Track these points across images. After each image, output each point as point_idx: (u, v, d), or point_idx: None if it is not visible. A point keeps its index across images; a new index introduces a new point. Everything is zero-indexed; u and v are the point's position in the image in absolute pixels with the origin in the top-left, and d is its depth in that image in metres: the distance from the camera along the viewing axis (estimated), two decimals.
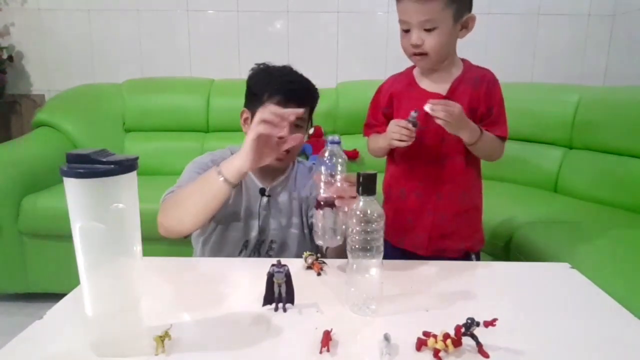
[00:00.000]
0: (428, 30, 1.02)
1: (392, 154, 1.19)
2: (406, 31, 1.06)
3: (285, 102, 1.06)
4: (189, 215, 1.00)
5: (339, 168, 0.85)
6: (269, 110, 0.91)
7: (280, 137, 0.98)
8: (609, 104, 1.98)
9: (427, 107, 0.99)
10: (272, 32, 2.69)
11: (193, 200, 0.99)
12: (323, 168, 0.86)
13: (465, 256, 1.19)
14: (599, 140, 1.97)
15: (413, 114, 1.01)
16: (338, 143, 0.86)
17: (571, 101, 2.09)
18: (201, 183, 0.98)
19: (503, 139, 1.12)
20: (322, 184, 0.86)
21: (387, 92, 1.18)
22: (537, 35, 2.68)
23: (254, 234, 1.14)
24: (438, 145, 1.11)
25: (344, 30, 2.68)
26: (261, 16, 2.66)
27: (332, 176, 0.85)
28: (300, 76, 1.15)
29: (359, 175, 0.74)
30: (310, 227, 1.17)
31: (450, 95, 1.09)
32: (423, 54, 1.05)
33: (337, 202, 0.84)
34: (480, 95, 1.10)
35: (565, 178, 2.06)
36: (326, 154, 0.86)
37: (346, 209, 0.83)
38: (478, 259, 1.22)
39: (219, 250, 1.14)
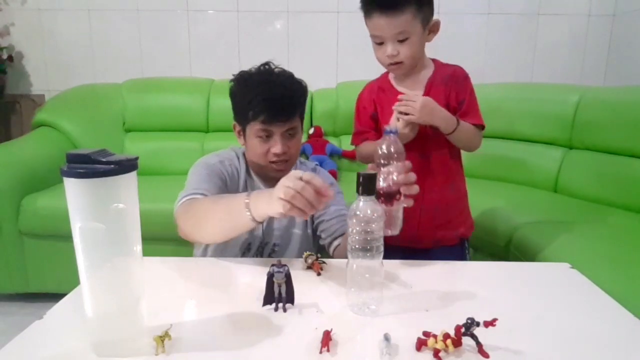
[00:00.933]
0: (401, 41, 1.09)
1: None
2: (379, 44, 1.12)
3: (270, 121, 1.05)
4: (208, 234, 0.97)
5: (397, 157, 0.86)
6: (299, 194, 0.76)
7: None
8: (609, 104, 1.98)
9: (394, 111, 1.09)
10: (272, 32, 2.69)
11: (216, 222, 0.94)
12: (381, 159, 0.86)
13: (460, 243, 1.27)
14: (599, 140, 1.97)
15: (392, 125, 1.01)
16: (395, 133, 0.86)
17: (571, 101, 2.09)
18: (227, 209, 0.91)
19: (480, 127, 1.19)
20: (381, 175, 0.85)
21: (370, 99, 1.26)
22: (537, 35, 2.67)
23: (257, 237, 1.14)
24: (422, 142, 1.17)
25: (344, 30, 2.68)
26: (261, 16, 2.66)
27: (390, 166, 0.85)
28: (282, 84, 1.07)
29: (358, 175, 0.74)
30: (314, 226, 1.17)
31: (427, 94, 1.15)
32: (398, 63, 1.12)
33: (403, 190, 0.85)
34: (452, 91, 1.17)
35: (565, 178, 2.06)
36: (384, 145, 0.86)
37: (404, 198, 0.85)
38: (469, 244, 1.31)
39: (220, 252, 1.13)
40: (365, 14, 1.11)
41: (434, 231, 1.22)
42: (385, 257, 0.77)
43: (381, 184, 0.84)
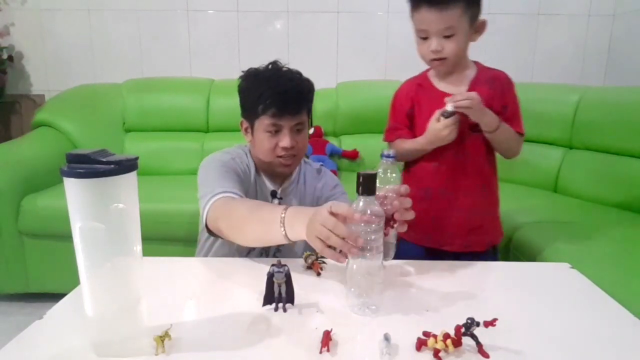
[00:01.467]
0: (447, 37, 1.08)
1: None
2: (424, 38, 1.11)
3: (280, 115, 1.06)
4: (241, 239, 0.96)
5: (393, 181, 0.84)
6: (333, 233, 0.72)
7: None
8: (609, 104, 1.98)
9: (448, 105, 1.08)
10: (272, 32, 2.69)
11: (250, 231, 0.93)
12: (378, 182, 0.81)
13: (491, 249, 1.27)
14: (599, 140, 1.97)
15: (448, 108, 1.08)
16: (393, 157, 0.85)
17: (571, 101, 2.10)
18: (263, 220, 0.89)
19: (520, 135, 1.19)
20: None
21: (408, 97, 1.23)
22: (537, 35, 2.67)
23: None
24: (460, 144, 1.15)
25: (344, 30, 2.68)
26: (261, 16, 2.66)
27: (386, 190, 0.81)
28: (291, 79, 1.09)
29: (358, 175, 0.74)
30: None
31: None
32: (442, 59, 1.11)
33: (396, 216, 0.80)
34: (496, 94, 1.15)
35: (565, 178, 2.06)
36: (380, 169, 0.84)
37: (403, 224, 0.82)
38: (498, 251, 1.31)
39: (227, 249, 1.13)
40: (413, 7, 1.10)
41: (465, 235, 1.20)
42: (410, 257, 0.76)
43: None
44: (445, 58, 1.10)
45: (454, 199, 1.19)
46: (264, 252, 1.14)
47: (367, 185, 0.74)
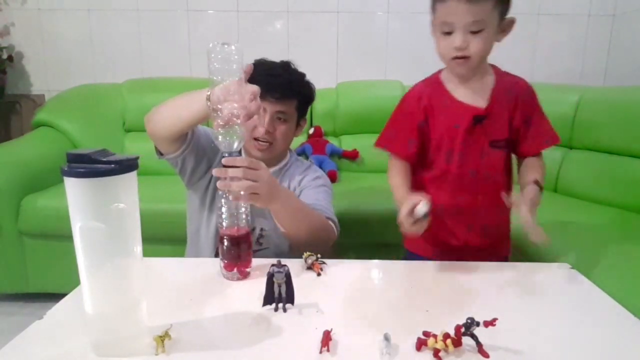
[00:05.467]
0: (474, 33, 0.95)
1: (425, 175, 1.11)
2: (447, 33, 0.97)
3: (263, 96, 1.07)
4: (170, 121, 1.02)
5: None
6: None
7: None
8: (609, 104, 1.98)
9: (422, 206, 0.86)
10: (272, 32, 2.69)
11: (178, 109, 1.01)
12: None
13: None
14: (599, 140, 1.97)
15: (423, 209, 0.86)
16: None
17: (571, 101, 2.09)
18: (189, 98, 0.97)
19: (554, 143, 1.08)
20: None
21: (421, 106, 1.06)
22: (537, 35, 2.67)
23: None
24: (477, 160, 1.05)
25: (344, 30, 2.68)
26: (261, 16, 2.66)
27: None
28: (287, 70, 1.16)
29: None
30: None
31: (491, 108, 1.03)
32: (465, 57, 0.98)
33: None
34: (517, 105, 1.05)
35: (565, 178, 2.06)
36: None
37: None
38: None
39: (211, 239, 1.14)
40: None
41: (478, 253, 1.08)
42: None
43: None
44: (469, 57, 0.97)
45: (467, 219, 1.09)
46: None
47: None
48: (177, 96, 1.01)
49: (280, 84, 1.12)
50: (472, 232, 1.10)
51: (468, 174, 1.06)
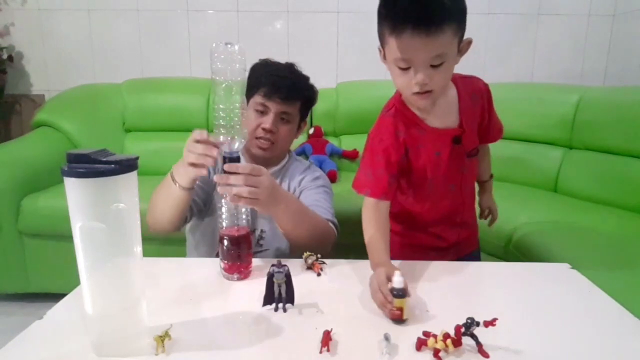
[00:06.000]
0: (434, 66, 0.86)
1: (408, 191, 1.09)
2: (404, 69, 0.87)
3: (269, 96, 1.13)
4: (162, 216, 1.05)
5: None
6: (193, 149, 0.88)
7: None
8: (609, 104, 1.98)
9: (397, 280, 0.75)
10: (272, 32, 2.69)
11: (161, 203, 1.04)
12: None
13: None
14: (599, 140, 1.97)
15: (396, 286, 0.74)
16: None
17: (571, 101, 2.09)
18: (164, 187, 1.02)
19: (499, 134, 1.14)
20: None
21: (398, 141, 0.99)
22: (537, 35, 2.67)
23: None
24: (459, 175, 1.06)
25: (344, 30, 2.68)
26: (261, 16, 2.66)
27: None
28: (293, 73, 1.18)
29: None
30: None
31: (464, 124, 1.00)
32: (427, 92, 0.89)
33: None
34: (483, 108, 1.06)
35: (565, 178, 2.06)
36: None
37: None
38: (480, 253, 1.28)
39: (211, 239, 1.14)
40: (392, 31, 0.84)
41: (458, 247, 1.16)
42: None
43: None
44: (432, 91, 0.88)
45: (449, 221, 1.12)
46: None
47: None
48: (154, 193, 1.06)
49: (287, 85, 1.14)
50: (455, 229, 1.14)
51: (449, 188, 1.07)
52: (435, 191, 1.06)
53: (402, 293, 0.72)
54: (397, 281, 0.73)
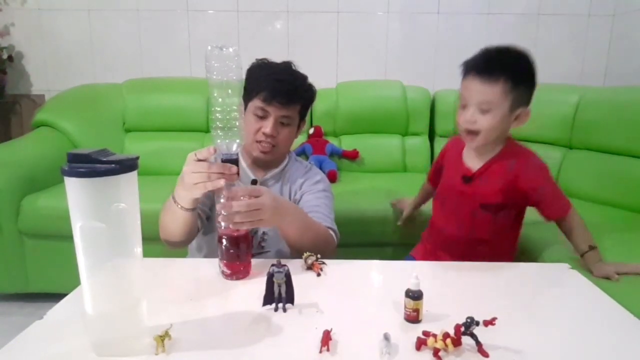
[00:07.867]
0: (483, 111, 1.06)
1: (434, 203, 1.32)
2: (464, 106, 1.09)
3: (269, 100, 1.11)
4: (173, 234, 1.05)
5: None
6: (195, 171, 0.87)
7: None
8: (609, 104, 1.98)
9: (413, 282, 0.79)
10: (272, 32, 2.69)
11: (169, 224, 1.04)
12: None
13: None
14: (599, 140, 1.97)
15: (412, 288, 0.77)
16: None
17: (571, 101, 2.09)
18: (168, 210, 1.01)
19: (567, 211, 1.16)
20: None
21: (442, 153, 1.32)
22: (537, 35, 2.68)
23: None
24: (470, 219, 1.17)
25: (344, 30, 2.68)
26: (261, 16, 2.66)
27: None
28: (292, 74, 1.16)
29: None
30: None
31: (481, 172, 1.15)
32: (474, 133, 1.08)
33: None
34: (517, 177, 1.12)
35: (565, 178, 2.06)
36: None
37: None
38: None
39: (211, 241, 1.14)
40: (464, 73, 1.10)
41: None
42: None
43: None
44: (478, 132, 1.08)
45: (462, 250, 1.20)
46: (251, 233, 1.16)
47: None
48: (161, 214, 1.06)
49: (287, 90, 1.12)
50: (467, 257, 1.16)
51: (459, 222, 1.19)
52: (448, 215, 1.22)
53: (418, 295, 0.74)
54: (414, 283, 0.75)
